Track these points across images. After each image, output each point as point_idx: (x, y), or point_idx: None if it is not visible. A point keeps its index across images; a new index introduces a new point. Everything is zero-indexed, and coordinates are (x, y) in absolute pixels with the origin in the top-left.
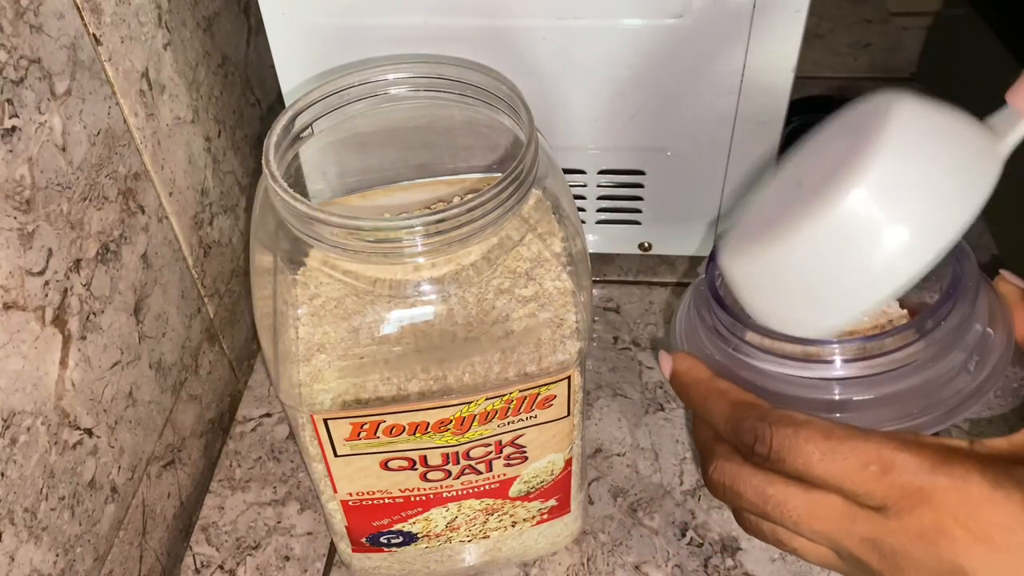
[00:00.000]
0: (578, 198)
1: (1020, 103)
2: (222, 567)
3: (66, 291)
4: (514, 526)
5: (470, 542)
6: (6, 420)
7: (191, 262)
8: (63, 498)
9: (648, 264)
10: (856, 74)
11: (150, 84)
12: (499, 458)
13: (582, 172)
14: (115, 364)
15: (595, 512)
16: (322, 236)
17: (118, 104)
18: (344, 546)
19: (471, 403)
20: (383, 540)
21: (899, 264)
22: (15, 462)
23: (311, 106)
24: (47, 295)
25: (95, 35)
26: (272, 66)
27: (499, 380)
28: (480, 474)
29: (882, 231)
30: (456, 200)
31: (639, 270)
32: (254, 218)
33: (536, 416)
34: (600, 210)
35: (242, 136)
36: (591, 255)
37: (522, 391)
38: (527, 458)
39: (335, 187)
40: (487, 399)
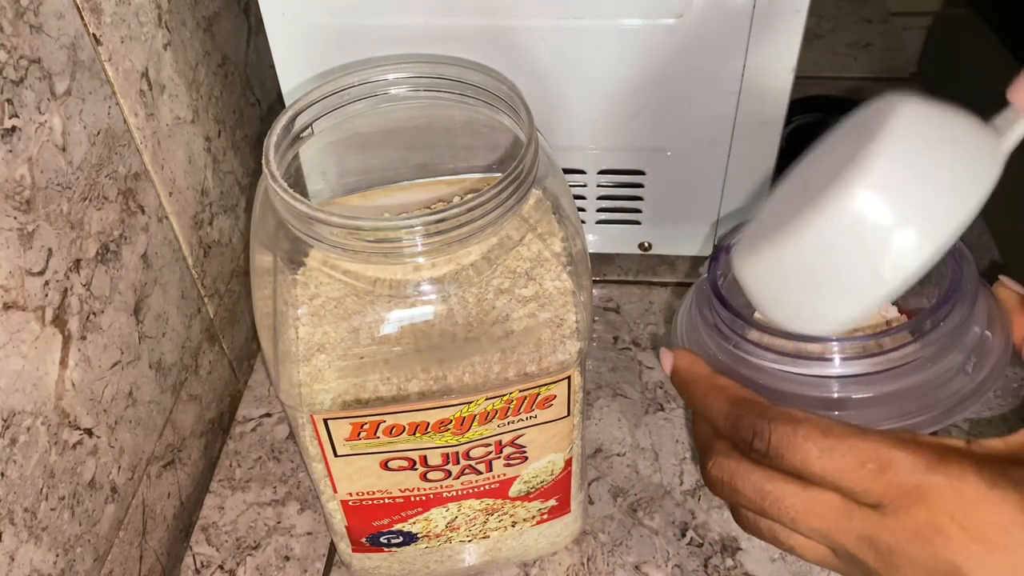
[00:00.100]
0: (578, 198)
1: (1020, 99)
2: (222, 567)
3: (66, 291)
4: (514, 526)
5: (470, 542)
6: (6, 420)
7: (191, 262)
8: (63, 498)
9: (648, 264)
10: (856, 74)
11: (150, 84)
12: (499, 458)
13: (582, 172)
14: (115, 364)
15: (595, 512)
16: (322, 236)
17: (118, 104)
18: (344, 546)
19: (471, 403)
20: (383, 540)
21: (903, 259)
22: (15, 462)
23: (311, 106)
24: (47, 295)
25: (95, 35)
26: (272, 66)
27: (499, 380)
28: (480, 474)
29: (886, 227)
30: (456, 200)
31: (639, 270)
32: (254, 218)
33: (536, 416)
34: (600, 210)
35: (242, 136)
36: (591, 255)
37: (522, 391)
38: (527, 458)
39: (335, 187)
40: (487, 399)
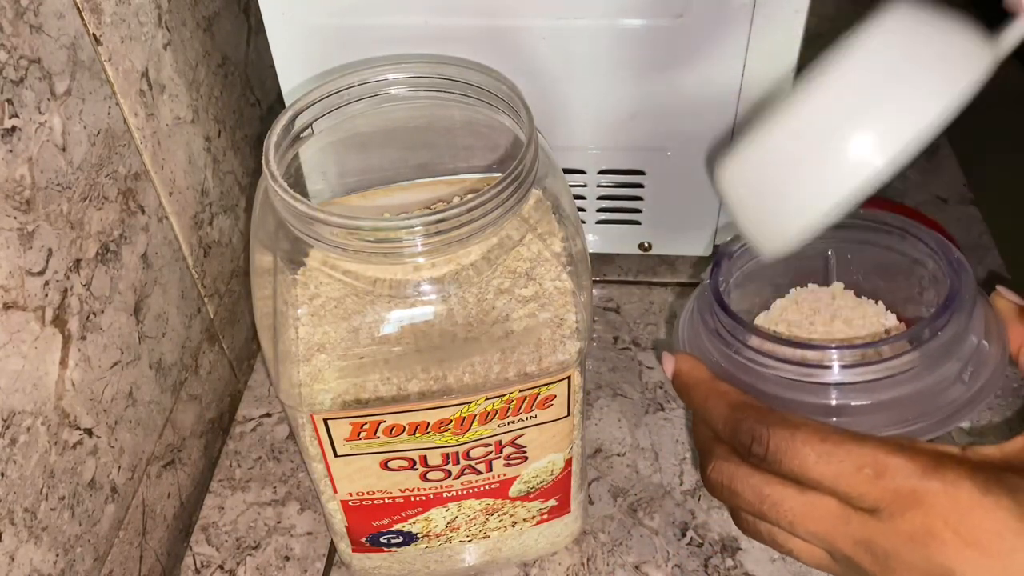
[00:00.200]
0: (578, 198)
1: (1014, 6)
2: (222, 567)
3: (66, 291)
4: (514, 526)
5: (470, 542)
6: (6, 420)
7: (191, 262)
8: (63, 498)
9: (648, 264)
10: None
11: (150, 84)
12: (499, 458)
13: (582, 172)
14: (115, 364)
15: (595, 512)
16: (322, 236)
17: (118, 104)
18: (344, 546)
19: (471, 403)
20: (383, 540)
21: (871, 153)
22: (15, 462)
23: (311, 106)
24: (47, 295)
25: (95, 35)
26: (272, 66)
27: (499, 380)
28: (480, 474)
29: (853, 117)
30: (456, 200)
31: (639, 270)
32: (254, 218)
33: (536, 416)
34: (600, 210)
35: (242, 136)
36: (591, 255)
37: (522, 391)
38: (527, 458)
39: (335, 187)
40: (487, 399)
